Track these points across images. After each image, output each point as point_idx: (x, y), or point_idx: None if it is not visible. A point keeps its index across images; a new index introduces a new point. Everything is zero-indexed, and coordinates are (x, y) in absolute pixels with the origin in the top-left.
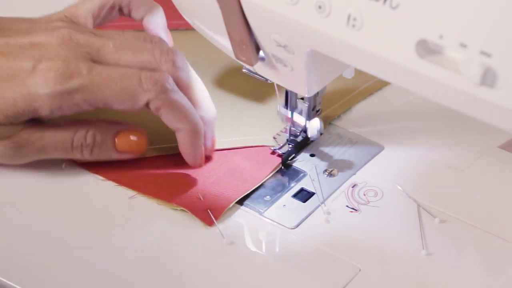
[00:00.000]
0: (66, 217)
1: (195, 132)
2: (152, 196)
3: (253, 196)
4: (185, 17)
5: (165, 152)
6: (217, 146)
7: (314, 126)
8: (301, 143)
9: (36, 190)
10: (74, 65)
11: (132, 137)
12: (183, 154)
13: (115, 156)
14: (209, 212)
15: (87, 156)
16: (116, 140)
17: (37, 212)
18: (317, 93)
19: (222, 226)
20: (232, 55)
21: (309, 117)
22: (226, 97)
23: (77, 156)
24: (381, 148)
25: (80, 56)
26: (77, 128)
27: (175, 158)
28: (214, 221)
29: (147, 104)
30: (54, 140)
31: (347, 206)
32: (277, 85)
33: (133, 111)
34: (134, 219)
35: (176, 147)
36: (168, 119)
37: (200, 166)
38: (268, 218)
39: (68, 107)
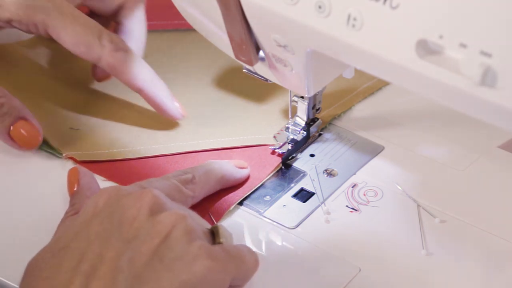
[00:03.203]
0: None
1: (155, 83)
2: None
3: (253, 196)
4: (185, 17)
5: (165, 152)
6: (217, 146)
7: None
8: (302, 142)
9: (37, 190)
10: None
11: (23, 132)
12: (161, 112)
13: (4, 138)
14: (210, 215)
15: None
16: (12, 126)
17: (37, 211)
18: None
19: None
20: (232, 55)
21: (309, 116)
22: (226, 97)
23: None
24: (381, 148)
25: None
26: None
27: (175, 159)
28: (215, 222)
29: (98, 61)
30: None
31: (347, 206)
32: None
33: (85, 59)
34: None
35: (177, 147)
36: (122, 80)
37: (182, 115)
38: (268, 218)
39: (26, 24)
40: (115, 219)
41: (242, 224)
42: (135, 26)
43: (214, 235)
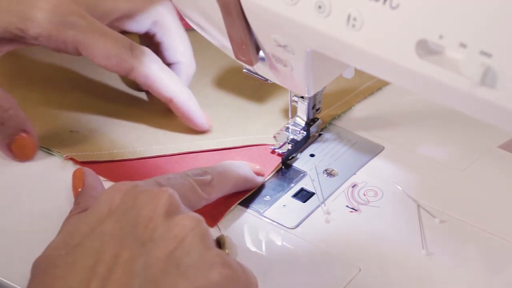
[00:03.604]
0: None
1: (186, 98)
2: None
3: (253, 196)
4: (185, 18)
5: (165, 153)
6: (218, 146)
7: None
8: (302, 142)
9: (36, 190)
10: (76, 6)
11: (22, 144)
12: (189, 123)
13: (2, 148)
14: (211, 217)
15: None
16: (13, 138)
17: (37, 212)
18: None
19: (222, 226)
20: (232, 55)
21: (309, 116)
22: (226, 97)
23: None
24: (381, 148)
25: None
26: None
27: (175, 159)
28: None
29: (130, 72)
30: None
31: (347, 206)
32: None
33: (114, 71)
34: None
35: (177, 148)
36: (155, 90)
37: (209, 125)
38: (268, 218)
39: (55, 41)
40: (130, 218)
41: (242, 224)
42: (177, 41)
43: (220, 245)
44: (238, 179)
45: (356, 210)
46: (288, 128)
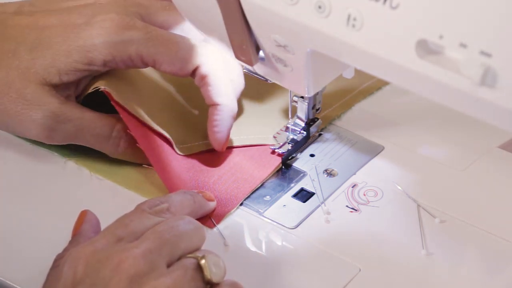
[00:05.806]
0: (67, 216)
1: (231, 110)
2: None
3: (253, 196)
4: (185, 17)
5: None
6: None
7: None
8: (302, 142)
9: (36, 190)
10: (129, 19)
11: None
12: (213, 133)
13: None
14: (210, 218)
15: (121, 148)
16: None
17: (37, 212)
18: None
19: (222, 226)
20: (232, 55)
21: (309, 116)
22: None
23: (110, 147)
24: (381, 148)
25: (131, 13)
26: (117, 121)
27: (176, 158)
28: (215, 224)
29: (193, 72)
30: (93, 125)
31: (347, 206)
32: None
33: (179, 75)
34: None
35: (177, 149)
36: (209, 91)
37: (222, 149)
38: (268, 218)
39: (122, 60)
40: None
41: (242, 224)
42: (221, 76)
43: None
44: (195, 205)
45: (356, 210)
46: (288, 128)
